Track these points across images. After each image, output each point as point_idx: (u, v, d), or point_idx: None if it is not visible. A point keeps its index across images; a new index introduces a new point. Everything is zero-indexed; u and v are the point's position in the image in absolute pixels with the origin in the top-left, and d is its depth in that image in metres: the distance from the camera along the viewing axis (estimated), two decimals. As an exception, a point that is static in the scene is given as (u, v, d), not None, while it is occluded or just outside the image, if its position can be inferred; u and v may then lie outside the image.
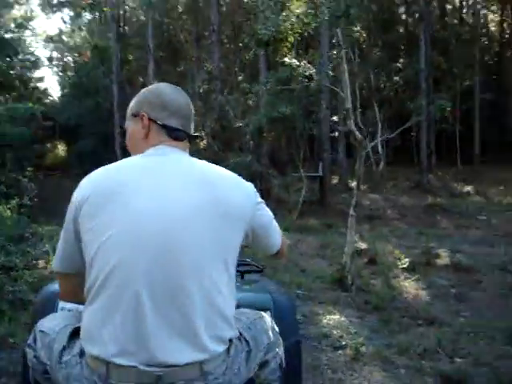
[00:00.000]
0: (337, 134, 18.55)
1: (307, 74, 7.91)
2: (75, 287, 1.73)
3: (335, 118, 17.83)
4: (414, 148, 23.86)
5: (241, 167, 13.10)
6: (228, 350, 1.60)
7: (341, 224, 11.55)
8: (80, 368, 1.56)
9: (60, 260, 1.73)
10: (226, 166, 1.77)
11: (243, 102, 16.84)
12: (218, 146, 16.18)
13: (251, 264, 2.80)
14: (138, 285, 1.48)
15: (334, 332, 5.08)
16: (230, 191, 1.65)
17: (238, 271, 2.51)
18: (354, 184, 17.98)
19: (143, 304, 1.47)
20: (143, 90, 1.87)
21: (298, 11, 6.46)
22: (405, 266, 7.94)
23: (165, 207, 1.54)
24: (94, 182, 1.62)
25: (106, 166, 1.69)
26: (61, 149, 31.48)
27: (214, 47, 19.33)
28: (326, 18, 5.91)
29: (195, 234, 1.54)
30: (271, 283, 3.04)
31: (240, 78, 22.39)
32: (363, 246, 9.18)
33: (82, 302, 1.64)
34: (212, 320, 1.53)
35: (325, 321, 5.47)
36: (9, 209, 9.48)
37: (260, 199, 1.77)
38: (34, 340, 1.77)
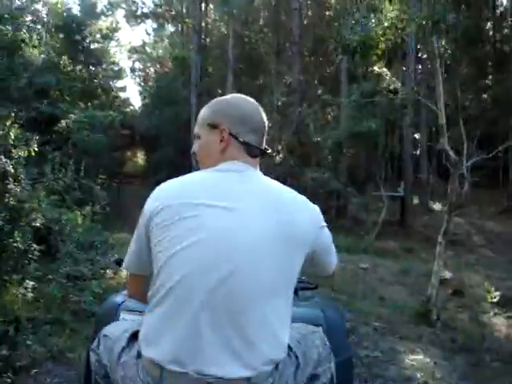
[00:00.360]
0: (419, 152, 17.91)
1: (392, 87, 7.47)
2: (143, 288, 1.77)
3: (417, 136, 17.23)
4: (501, 169, 22.62)
5: (318, 183, 12.75)
6: (276, 365, 1.58)
7: (422, 249, 10.92)
8: (136, 369, 1.60)
9: (130, 261, 1.79)
10: (303, 182, 1.37)
11: (322, 116, 16.44)
12: (295, 161, 15.79)
13: (305, 281, 2.83)
14: (199, 301, 1.50)
15: (418, 375, 4.61)
16: (299, 216, 1.64)
17: None
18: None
19: (202, 319, 1.50)
20: (220, 100, 1.84)
21: (390, 15, 5.92)
22: (495, 300, 7.35)
23: (236, 229, 1.55)
24: (168, 194, 1.64)
25: (181, 179, 1.69)
26: (140, 157, 32.10)
27: (294, 59, 19.17)
28: (423, 22, 5.37)
29: (263, 260, 1.54)
30: (324, 300, 3.00)
31: (320, 91, 22.05)
32: (448, 275, 8.51)
33: (146, 303, 1.68)
34: (268, 344, 1.54)
35: (407, 361, 4.97)
36: (82, 215, 9.40)
37: (324, 223, 1.75)
38: (98, 344, 1.86)
